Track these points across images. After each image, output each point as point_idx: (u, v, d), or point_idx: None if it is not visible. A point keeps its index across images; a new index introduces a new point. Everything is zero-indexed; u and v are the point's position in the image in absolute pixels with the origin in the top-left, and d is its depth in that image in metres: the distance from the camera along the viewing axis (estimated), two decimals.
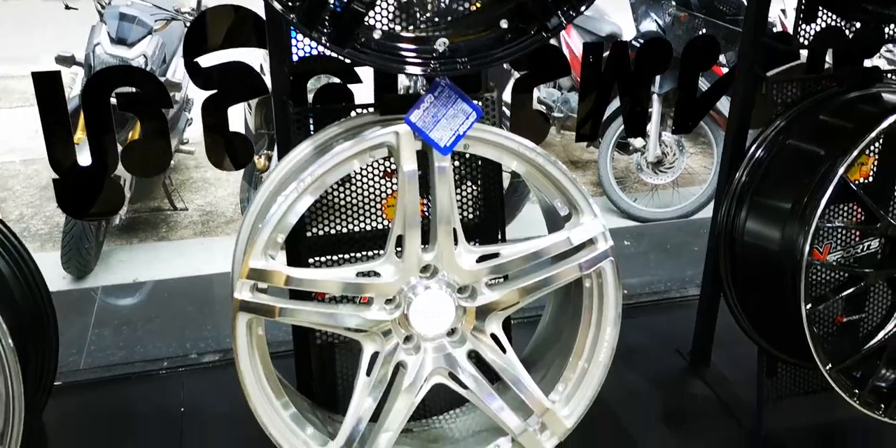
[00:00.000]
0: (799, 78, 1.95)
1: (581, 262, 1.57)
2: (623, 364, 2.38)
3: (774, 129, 1.94)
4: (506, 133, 1.52)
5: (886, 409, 1.77)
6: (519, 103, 2.28)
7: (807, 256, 1.65)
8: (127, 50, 4.14)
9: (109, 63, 4.04)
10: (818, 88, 1.98)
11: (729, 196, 1.94)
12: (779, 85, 1.92)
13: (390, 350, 1.51)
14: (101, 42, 4.15)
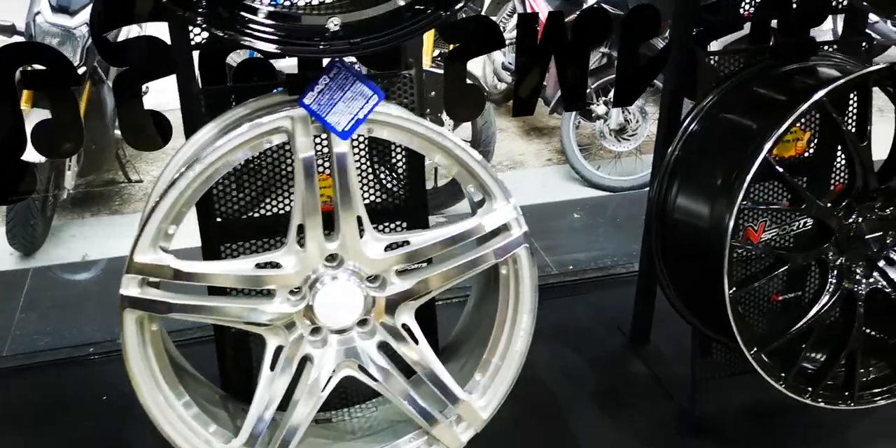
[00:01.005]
0: (732, 50, 1.87)
1: (494, 249, 1.52)
2: (563, 342, 2.37)
3: (709, 102, 1.87)
4: (412, 116, 1.45)
5: (813, 393, 1.74)
6: (452, 77, 2.19)
7: (730, 238, 1.60)
8: (69, 18, 3.97)
9: (51, 32, 3.89)
10: (755, 61, 1.91)
11: (661, 171, 1.88)
12: (717, 57, 1.85)
13: (295, 343, 1.46)
14: (42, 10, 3.98)
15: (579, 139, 4.67)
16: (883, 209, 1.74)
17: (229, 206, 1.66)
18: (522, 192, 4.52)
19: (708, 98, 1.87)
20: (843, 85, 1.58)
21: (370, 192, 1.80)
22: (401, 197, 1.82)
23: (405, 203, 1.83)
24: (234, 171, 1.70)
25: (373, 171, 1.85)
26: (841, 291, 1.73)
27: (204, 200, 1.69)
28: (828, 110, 1.59)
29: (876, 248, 1.75)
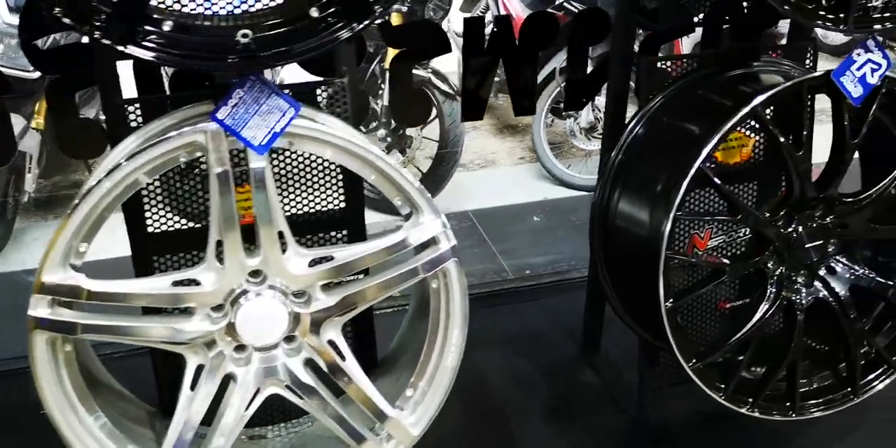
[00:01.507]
0: (670, 57, 1.84)
1: (422, 263, 1.49)
2: (514, 350, 2.35)
3: (653, 106, 1.84)
4: (332, 130, 1.41)
5: (753, 404, 1.73)
6: (398, 82, 2.16)
7: (665, 250, 1.58)
8: None
9: (9, 33, 3.82)
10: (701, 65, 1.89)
11: (604, 175, 1.85)
12: (650, 64, 1.82)
13: (217, 362, 1.43)
14: (0, 11, 3.92)
15: (551, 137, 4.63)
16: (823, 218, 1.72)
17: (162, 217, 1.63)
18: (493, 191, 4.53)
19: (652, 102, 1.84)
20: (777, 94, 1.56)
21: (306, 202, 1.77)
22: (339, 207, 1.79)
23: (343, 212, 1.80)
24: (168, 180, 1.67)
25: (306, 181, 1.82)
26: (780, 301, 1.71)
27: (134, 210, 1.66)
28: (762, 119, 1.57)
29: (816, 258, 1.73)
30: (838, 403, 1.79)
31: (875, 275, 1.76)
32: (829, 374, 1.83)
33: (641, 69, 1.83)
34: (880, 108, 1.74)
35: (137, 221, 1.66)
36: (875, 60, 1.57)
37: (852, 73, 1.57)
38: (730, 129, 1.53)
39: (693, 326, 2.03)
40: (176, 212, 1.69)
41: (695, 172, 1.55)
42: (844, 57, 1.63)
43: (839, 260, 1.75)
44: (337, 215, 1.79)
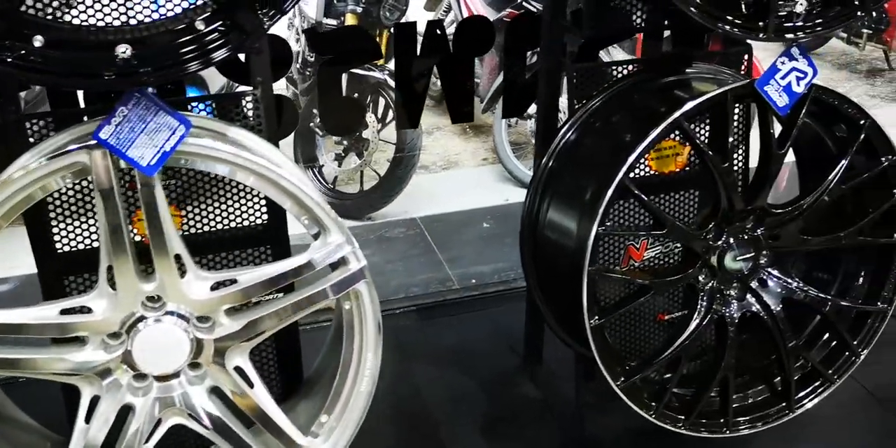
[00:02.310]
0: (598, 64, 1.79)
1: (331, 284, 1.42)
2: (455, 363, 2.28)
3: (585, 112, 1.78)
4: (228, 147, 1.34)
5: (686, 421, 1.68)
6: (327, 90, 2.09)
7: (587, 267, 1.53)
8: None
9: None
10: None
11: (535, 183, 1.80)
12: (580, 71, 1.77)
13: (113, 392, 1.36)
14: None
15: (514, 138, 4.57)
16: (754, 230, 1.67)
17: (70, 235, 1.55)
18: (454, 193, 4.47)
19: (584, 108, 1.78)
20: (701, 104, 1.51)
21: (225, 218, 1.70)
22: (261, 222, 1.72)
23: (266, 228, 1.73)
24: (76, 197, 1.59)
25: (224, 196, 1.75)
26: (711, 316, 1.66)
27: (40, 229, 1.59)
28: (686, 131, 1.52)
29: (748, 271, 1.68)
30: (773, 418, 1.75)
31: (809, 288, 1.72)
32: (765, 388, 1.79)
33: (569, 76, 1.77)
34: (812, 117, 1.69)
35: (44, 240, 1.59)
36: (800, 69, 1.52)
37: (777, 82, 1.52)
38: (650, 143, 1.48)
39: (634, 338, 1.99)
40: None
41: (619, 185, 1.50)
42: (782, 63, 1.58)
43: (772, 273, 1.71)
44: (259, 231, 1.73)
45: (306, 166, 4.31)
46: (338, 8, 4.19)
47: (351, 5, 4.12)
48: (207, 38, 1.21)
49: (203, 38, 1.22)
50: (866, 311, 1.78)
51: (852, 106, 1.61)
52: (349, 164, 4.16)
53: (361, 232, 3.07)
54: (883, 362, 2.28)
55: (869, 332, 1.78)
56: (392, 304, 2.45)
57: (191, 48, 1.22)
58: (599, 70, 1.84)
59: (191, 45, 1.22)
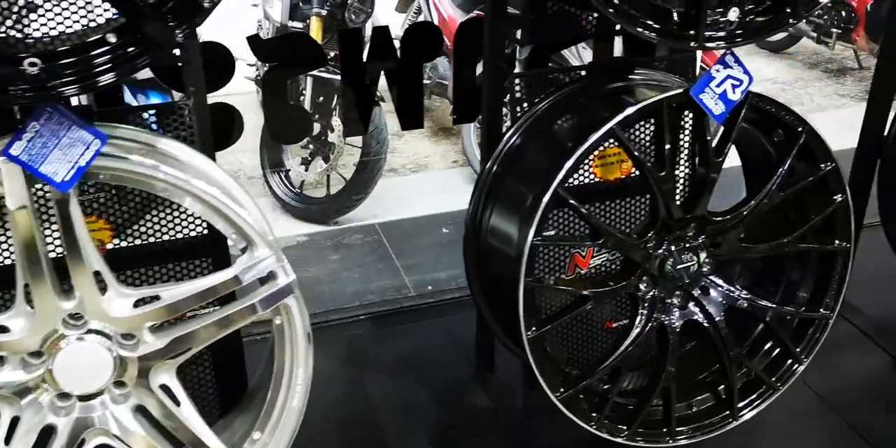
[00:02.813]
0: (538, 71, 1.77)
1: (259, 299, 1.40)
2: (407, 372, 2.26)
3: (531, 117, 1.76)
4: (144, 160, 1.31)
5: (628, 432, 1.67)
6: (273, 98, 2.07)
7: (524, 278, 1.51)
8: None
9: None
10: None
11: (479, 188, 1.78)
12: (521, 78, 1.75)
13: (33, 413, 1.33)
14: None
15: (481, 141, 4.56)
16: (696, 238, 1.66)
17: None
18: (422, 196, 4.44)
19: (529, 114, 1.76)
20: (636, 112, 1.49)
21: (162, 229, 1.67)
22: (200, 233, 1.69)
23: (205, 239, 1.70)
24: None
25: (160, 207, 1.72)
26: (652, 325, 1.65)
27: None
28: (621, 140, 1.50)
29: (689, 279, 1.67)
30: (717, 427, 1.74)
31: (750, 296, 1.71)
32: (710, 396, 1.78)
33: (510, 83, 1.76)
34: (752, 124, 1.68)
35: None
36: (735, 76, 1.51)
37: (712, 90, 1.50)
38: (583, 153, 1.47)
39: (584, 346, 1.97)
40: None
41: (554, 195, 1.48)
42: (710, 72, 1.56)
43: (714, 281, 1.70)
44: (198, 242, 1.70)
45: (272, 171, 4.27)
46: (303, 11, 4.16)
47: (315, 8, 4.09)
48: (120, 51, 1.19)
49: (116, 51, 1.19)
50: (809, 318, 1.77)
51: (789, 113, 1.60)
52: (316, 168, 4.14)
53: (319, 239, 3.05)
54: (835, 367, 2.29)
55: (812, 339, 1.77)
56: (346, 312, 2.43)
57: (103, 60, 1.19)
58: (544, 76, 1.83)
59: (103, 58, 1.19)
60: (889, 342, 2.28)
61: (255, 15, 4.45)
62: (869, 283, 2.47)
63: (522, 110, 1.77)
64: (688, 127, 1.62)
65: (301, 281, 2.55)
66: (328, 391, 2.17)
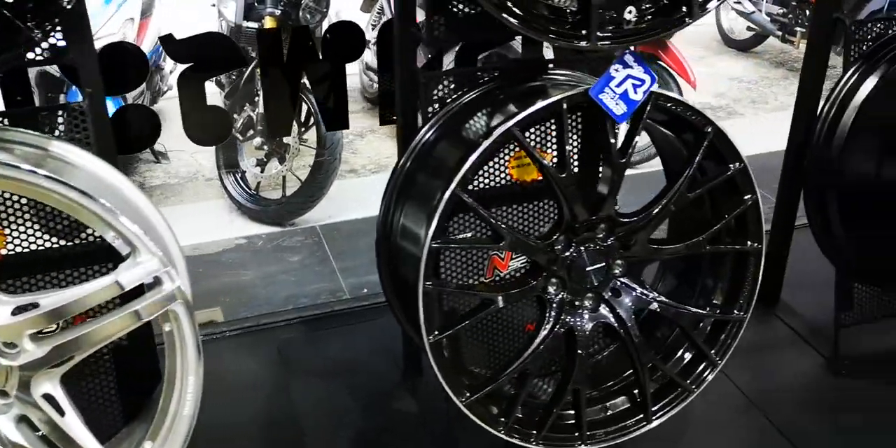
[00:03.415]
0: (449, 71, 1.75)
1: (143, 305, 1.37)
2: (336, 375, 2.23)
3: (445, 114, 1.74)
4: (11, 160, 1.28)
5: (538, 436, 1.64)
6: (189, 100, 2.03)
7: (423, 282, 1.48)
8: None
9: None
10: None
11: (390, 187, 1.75)
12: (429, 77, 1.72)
13: None
14: None
15: None
16: (605, 240, 1.64)
17: None
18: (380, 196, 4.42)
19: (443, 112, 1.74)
20: (536, 113, 1.47)
21: (68, 233, 1.63)
22: (95, 239, 1.65)
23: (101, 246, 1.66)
24: None
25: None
26: (559, 328, 1.62)
27: None
28: (520, 142, 1.48)
29: (598, 281, 1.65)
30: (631, 430, 1.72)
31: (662, 298, 1.69)
32: (625, 399, 1.76)
33: (420, 83, 1.73)
34: (664, 126, 1.67)
35: None
36: (636, 76, 1.49)
37: (612, 90, 1.48)
38: (480, 156, 1.44)
39: (503, 349, 1.95)
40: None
41: (452, 198, 1.46)
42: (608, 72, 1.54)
43: (626, 283, 1.67)
44: (95, 248, 1.66)
45: (228, 172, 4.24)
46: (258, 11, 4.12)
47: (269, 8, 4.06)
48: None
49: None
50: (723, 320, 1.75)
51: (696, 113, 1.58)
52: (271, 169, 4.10)
53: (258, 241, 3.01)
54: (767, 368, 2.28)
55: (726, 341, 1.76)
56: (278, 316, 2.40)
57: None
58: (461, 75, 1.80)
59: None
60: (822, 343, 2.27)
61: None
62: (805, 285, 2.47)
63: (434, 110, 1.74)
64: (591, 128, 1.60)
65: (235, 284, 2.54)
66: (255, 396, 2.14)
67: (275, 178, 4.08)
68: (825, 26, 2.03)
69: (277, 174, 4.05)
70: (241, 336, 2.31)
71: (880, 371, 2.19)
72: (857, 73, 2.01)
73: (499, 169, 1.79)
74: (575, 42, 1.39)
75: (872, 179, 1.92)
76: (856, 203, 2.00)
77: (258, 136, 3.93)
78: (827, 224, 2.07)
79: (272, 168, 4.05)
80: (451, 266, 1.84)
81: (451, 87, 1.81)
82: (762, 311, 2.47)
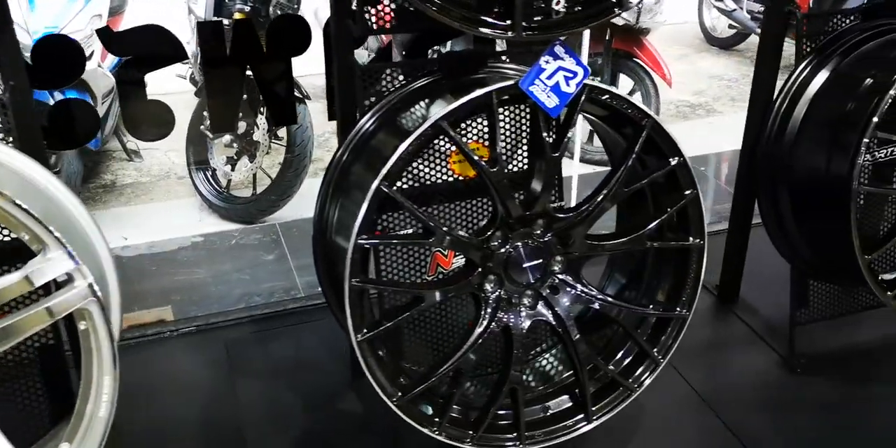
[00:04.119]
0: (386, 64, 1.72)
1: (53, 303, 1.33)
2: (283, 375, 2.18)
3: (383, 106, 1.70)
4: None
5: (474, 436, 1.61)
6: (129, 94, 1.99)
7: (349, 280, 1.45)
8: None
9: None
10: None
11: (326, 180, 1.72)
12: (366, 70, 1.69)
13: None
14: None
15: None
16: (543, 236, 1.60)
17: None
18: None
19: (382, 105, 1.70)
20: (464, 106, 1.43)
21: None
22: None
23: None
24: None
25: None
26: (495, 326, 1.59)
27: None
28: (450, 136, 1.44)
29: (536, 278, 1.61)
30: (570, 430, 1.69)
31: (603, 295, 1.66)
32: (567, 399, 1.73)
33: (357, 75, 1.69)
34: (602, 120, 1.63)
35: None
36: (568, 68, 1.45)
37: (543, 83, 1.45)
38: (405, 151, 1.40)
39: (445, 346, 1.91)
40: None
41: (377, 193, 1.42)
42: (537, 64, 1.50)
43: (564, 280, 1.64)
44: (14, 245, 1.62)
45: (198, 169, 4.19)
46: (227, 7, 4.08)
47: (239, 4, 4.01)
48: None
49: None
50: (666, 317, 1.72)
51: (632, 106, 1.54)
52: (241, 167, 4.06)
53: (215, 239, 2.97)
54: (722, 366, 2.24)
55: (668, 340, 1.72)
56: (229, 315, 2.36)
57: None
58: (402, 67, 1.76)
59: None
60: (779, 341, 2.24)
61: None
62: (765, 282, 2.44)
63: (371, 103, 1.71)
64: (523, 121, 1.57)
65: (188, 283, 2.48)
66: (200, 396, 2.10)
67: (245, 176, 4.04)
68: (777, 18, 2.00)
69: (248, 172, 4.01)
70: (190, 335, 2.27)
71: (836, 369, 2.16)
72: (809, 66, 1.98)
73: (439, 164, 1.76)
74: (499, 32, 1.35)
75: (823, 174, 1.88)
76: (808, 198, 1.97)
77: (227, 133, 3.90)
78: (780, 220, 2.04)
79: (242, 166, 4.01)
80: (392, 263, 1.81)
81: (397, 80, 1.78)
82: (720, 308, 2.45)
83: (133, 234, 3.11)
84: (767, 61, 2.06)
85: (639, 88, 4.34)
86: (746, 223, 2.29)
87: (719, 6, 5.99)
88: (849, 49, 1.93)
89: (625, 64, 4.35)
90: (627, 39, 4.33)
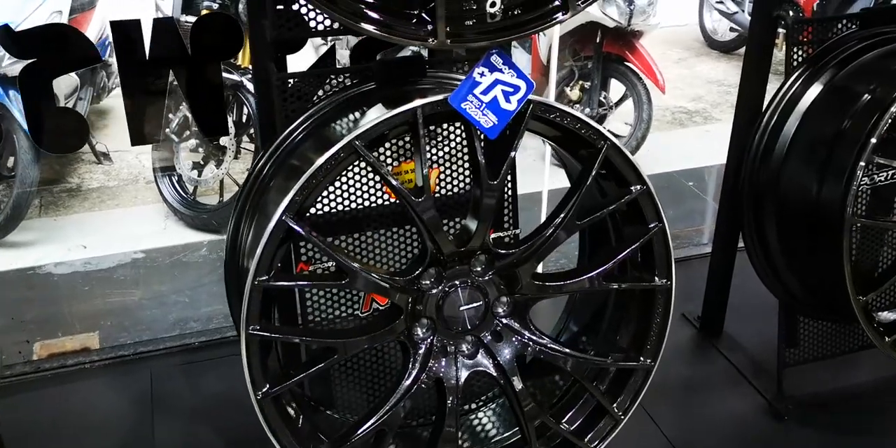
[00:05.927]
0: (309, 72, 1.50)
1: None
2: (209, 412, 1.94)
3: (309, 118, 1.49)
4: None
5: None
6: (34, 101, 1.77)
7: (246, 330, 1.23)
8: None
9: None
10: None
11: (241, 197, 1.51)
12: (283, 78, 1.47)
13: None
14: None
15: None
16: (484, 274, 1.38)
17: None
18: None
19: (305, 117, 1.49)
20: (383, 124, 1.21)
21: None
22: None
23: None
24: None
25: None
26: (426, 379, 1.36)
27: None
28: (365, 158, 1.22)
29: (475, 324, 1.39)
30: None
31: (552, 342, 1.43)
32: None
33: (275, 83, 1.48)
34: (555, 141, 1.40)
35: None
36: (507, 81, 1.23)
37: (477, 98, 1.22)
38: (311, 177, 1.19)
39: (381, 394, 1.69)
40: None
41: (279, 225, 1.21)
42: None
43: (509, 325, 1.41)
44: None
45: (163, 175, 4.00)
46: (196, 4, 3.89)
47: (207, 1, 3.83)
48: None
49: None
50: (628, 368, 1.49)
51: (586, 126, 1.32)
52: (208, 173, 3.86)
53: (157, 255, 2.75)
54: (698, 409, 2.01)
55: (632, 393, 1.49)
56: (159, 343, 2.14)
57: None
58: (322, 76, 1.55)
59: None
60: (766, 383, 2.01)
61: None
62: (753, 314, 2.21)
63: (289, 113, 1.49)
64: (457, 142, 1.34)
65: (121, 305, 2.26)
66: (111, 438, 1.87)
67: (212, 183, 3.85)
68: (765, 24, 1.77)
69: (215, 178, 3.81)
70: (114, 366, 2.05)
71: (827, 416, 1.92)
72: (802, 78, 1.76)
73: (371, 188, 1.54)
74: (419, 39, 1.13)
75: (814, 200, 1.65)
76: (797, 227, 1.74)
77: (193, 137, 3.70)
78: (766, 251, 1.81)
79: (209, 172, 3.82)
80: (321, 298, 1.59)
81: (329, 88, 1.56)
82: (701, 343, 2.22)
83: (93, 243, 2.91)
84: (754, 72, 1.84)
85: (630, 94, 4.12)
86: (731, 249, 2.06)
87: (720, 8, 5.75)
88: (846, 59, 1.71)
89: (616, 68, 4.14)
90: (619, 42, 4.11)
